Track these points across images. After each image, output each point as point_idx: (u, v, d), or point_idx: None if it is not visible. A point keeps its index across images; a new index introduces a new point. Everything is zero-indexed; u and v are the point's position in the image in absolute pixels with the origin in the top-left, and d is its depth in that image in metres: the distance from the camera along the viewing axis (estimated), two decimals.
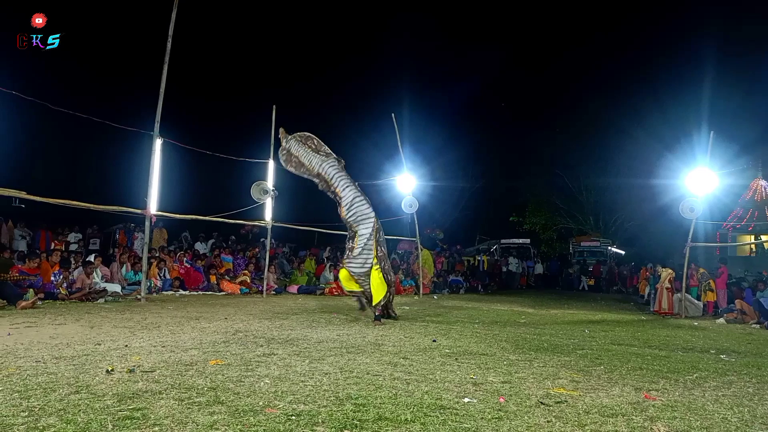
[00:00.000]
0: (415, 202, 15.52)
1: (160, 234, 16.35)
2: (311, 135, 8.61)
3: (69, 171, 20.13)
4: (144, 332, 6.05)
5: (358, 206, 8.09)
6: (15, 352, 4.51)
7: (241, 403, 3.12)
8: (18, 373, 3.67)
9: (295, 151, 8.51)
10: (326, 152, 8.46)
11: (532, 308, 12.92)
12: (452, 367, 4.54)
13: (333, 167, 8.23)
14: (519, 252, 28.41)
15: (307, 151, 8.43)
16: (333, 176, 8.17)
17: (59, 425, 2.61)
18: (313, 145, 8.51)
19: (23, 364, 4.01)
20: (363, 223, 8.04)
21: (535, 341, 6.56)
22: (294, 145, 8.54)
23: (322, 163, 8.26)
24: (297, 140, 8.58)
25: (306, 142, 8.54)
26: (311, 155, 8.38)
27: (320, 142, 8.57)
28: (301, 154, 8.44)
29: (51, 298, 9.55)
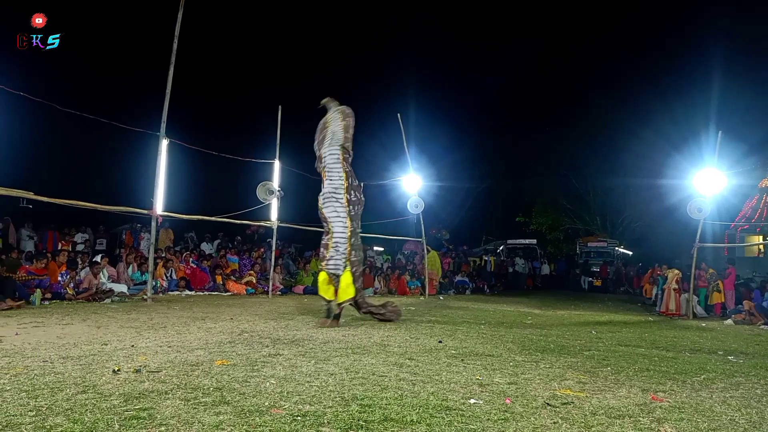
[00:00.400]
0: (421, 202, 15.52)
1: (166, 234, 16.40)
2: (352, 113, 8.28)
3: (76, 172, 20.21)
4: (150, 332, 6.07)
5: (335, 203, 7.80)
6: (23, 351, 4.53)
7: (246, 404, 3.12)
8: (26, 373, 3.69)
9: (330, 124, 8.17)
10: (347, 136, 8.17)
11: (538, 309, 12.89)
12: (458, 368, 4.53)
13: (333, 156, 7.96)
14: (525, 252, 28.34)
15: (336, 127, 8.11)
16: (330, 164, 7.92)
17: (66, 425, 2.62)
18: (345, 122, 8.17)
19: (31, 363, 4.03)
20: (336, 222, 7.75)
21: (541, 342, 6.54)
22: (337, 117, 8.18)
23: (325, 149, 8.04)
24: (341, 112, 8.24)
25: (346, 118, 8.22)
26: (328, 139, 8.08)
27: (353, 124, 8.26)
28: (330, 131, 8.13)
29: (58, 298, 9.61)
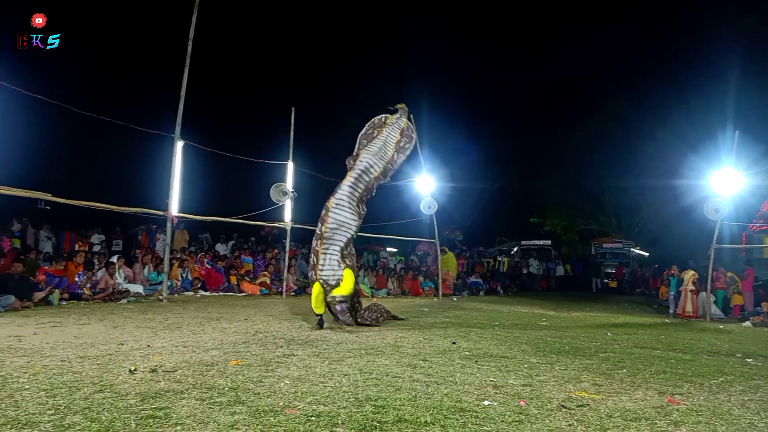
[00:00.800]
0: (434, 203, 15.48)
1: (182, 235, 16.53)
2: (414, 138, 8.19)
3: (92, 173, 20.45)
4: (166, 332, 6.13)
5: (346, 212, 7.33)
6: (41, 351, 4.59)
7: (261, 404, 3.14)
8: (44, 372, 3.74)
9: (386, 132, 7.94)
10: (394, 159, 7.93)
11: (553, 311, 12.81)
12: (472, 369, 4.52)
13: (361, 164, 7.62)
14: (540, 254, 28.18)
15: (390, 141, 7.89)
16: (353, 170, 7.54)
17: (84, 423, 2.65)
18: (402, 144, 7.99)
19: (49, 363, 4.08)
20: (338, 233, 7.23)
21: (556, 344, 6.50)
22: (395, 128, 7.96)
23: (368, 157, 7.67)
24: (403, 126, 8.03)
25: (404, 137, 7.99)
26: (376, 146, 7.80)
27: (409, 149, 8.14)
28: (383, 140, 7.88)
29: (76, 298, 9.72)
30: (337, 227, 7.20)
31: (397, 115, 8.00)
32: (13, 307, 7.98)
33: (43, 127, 16.18)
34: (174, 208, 10.67)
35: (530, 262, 26.67)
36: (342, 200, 7.30)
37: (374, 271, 17.40)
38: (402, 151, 7.85)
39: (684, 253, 22.30)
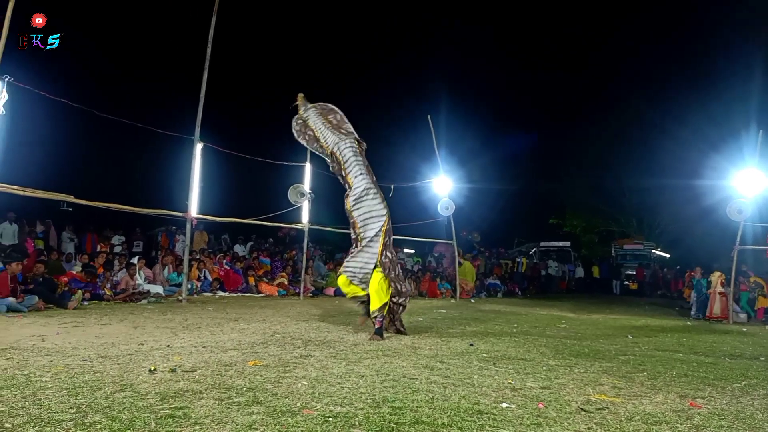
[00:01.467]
0: (452, 204, 15.44)
1: (201, 236, 16.69)
2: (335, 108, 7.49)
3: (113, 175, 20.74)
4: (185, 333, 6.19)
5: (370, 201, 6.81)
6: (63, 351, 4.67)
7: (279, 404, 3.15)
8: (66, 371, 3.80)
9: (312, 123, 7.40)
10: (347, 130, 7.32)
11: (572, 313, 12.69)
12: (490, 371, 4.49)
13: (350, 149, 7.03)
14: (559, 255, 27.94)
15: (326, 126, 7.31)
16: (348, 159, 6.99)
17: (105, 422, 2.68)
18: (335, 120, 7.38)
19: (71, 362, 4.15)
20: (370, 223, 6.76)
21: (575, 346, 6.43)
22: (312, 116, 7.41)
23: (339, 143, 7.07)
24: (317, 111, 7.45)
25: (327, 115, 7.41)
26: (328, 132, 7.25)
27: (343, 118, 7.43)
28: (318, 128, 7.32)
29: (97, 298, 9.86)
30: (368, 219, 6.75)
31: (303, 108, 7.59)
32: (36, 307, 8.13)
33: (66, 130, 16.45)
34: (193, 210, 10.78)
35: (549, 263, 26.45)
36: (361, 192, 6.82)
37: None
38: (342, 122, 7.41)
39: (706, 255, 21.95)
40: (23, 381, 3.45)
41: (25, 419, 2.67)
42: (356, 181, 6.87)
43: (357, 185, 6.84)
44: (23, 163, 12.00)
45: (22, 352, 4.49)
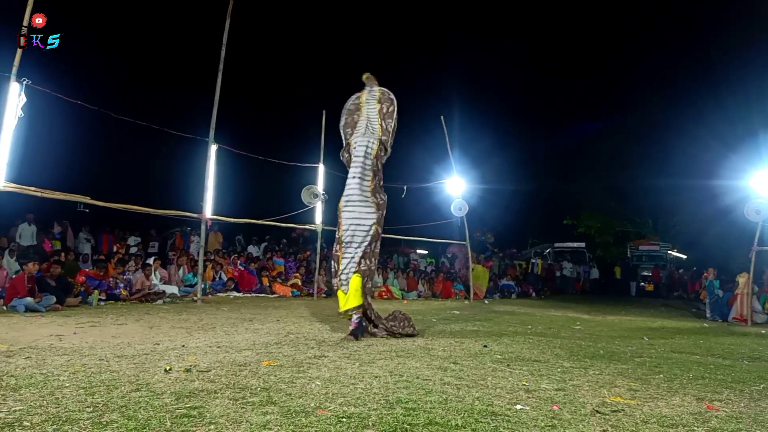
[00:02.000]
0: (465, 205, 15.39)
1: (215, 237, 16.81)
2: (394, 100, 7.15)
3: (129, 177, 20.95)
4: (200, 333, 6.23)
5: (360, 207, 6.56)
6: (80, 350, 4.72)
7: (293, 404, 3.16)
8: (83, 371, 3.84)
9: (365, 109, 7.10)
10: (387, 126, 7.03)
11: (587, 314, 12.60)
12: (504, 373, 4.47)
13: (363, 148, 6.75)
14: (573, 256, 27.74)
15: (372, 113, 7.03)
16: (356, 156, 6.72)
17: (121, 421, 2.71)
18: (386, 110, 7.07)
19: (88, 362, 4.19)
20: (357, 230, 6.51)
21: (590, 348, 6.39)
22: (372, 101, 7.08)
23: (357, 139, 6.86)
24: (378, 96, 7.10)
25: (384, 102, 7.09)
26: (363, 126, 6.98)
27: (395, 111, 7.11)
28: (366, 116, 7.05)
29: (113, 298, 9.97)
30: (355, 226, 6.49)
31: (368, 88, 7.21)
32: (53, 307, 8.23)
33: (82, 133, 16.65)
34: (208, 211, 10.86)
35: (564, 264, 26.28)
36: (352, 196, 6.57)
37: (405, 273, 17.38)
38: (388, 116, 7.01)
39: (723, 256, 21.69)
40: (41, 380, 3.50)
41: (43, 417, 2.71)
42: (352, 183, 6.61)
43: (350, 187, 6.61)
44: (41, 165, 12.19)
45: (40, 352, 4.55)
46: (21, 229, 13.34)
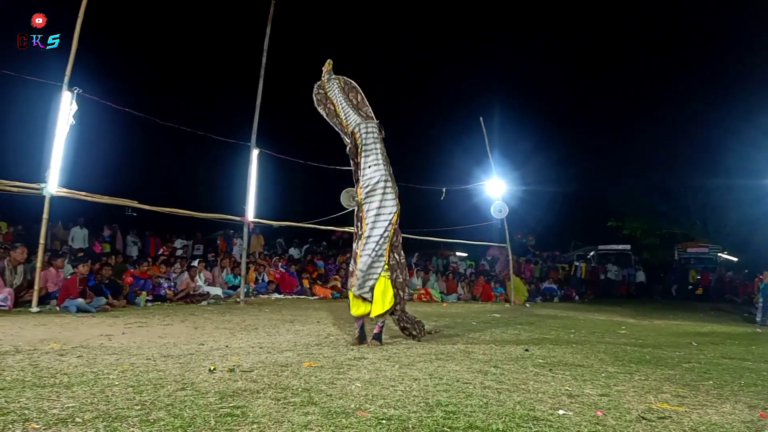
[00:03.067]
0: (505, 207, 15.23)
1: (257, 240, 17.11)
2: (357, 87, 6.79)
3: (175, 181, 21.54)
4: (243, 334, 6.35)
5: (382, 195, 6.05)
6: (129, 350, 4.87)
7: (333, 405, 3.19)
8: (131, 370, 3.96)
9: (333, 96, 6.72)
10: (367, 114, 6.64)
11: (632, 318, 12.28)
12: (546, 377, 4.40)
13: (372, 134, 6.30)
14: (618, 259, 27.08)
15: (348, 103, 6.65)
16: (368, 144, 6.25)
17: (168, 419, 2.79)
18: (355, 100, 6.71)
19: (136, 361, 4.32)
20: (380, 220, 5.99)
21: (636, 353, 6.22)
22: (335, 89, 6.74)
23: (362, 124, 6.38)
24: (339, 85, 6.78)
25: (348, 93, 6.75)
26: (350, 110, 6.61)
27: (364, 100, 6.75)
28: (340, 102, 6.67)
29: (160, 300, 10.25)
30: (376, 216, 6.00)
31: (326, 77, 6.85)
32: (103, 308, 8.52)
33: (130, 139, 17.21)
34: (250, 214, 11.06)
35: (608, 267, 25.68)
36: (377, 184, 6.07)
37: (444, 276, 17.30)
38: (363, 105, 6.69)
39: None
40: (92, 378, 3.62)
41: (94, 414, 2.80)
42: (370, 171, 6.11)
43: (371, 176, 6.09)
44: (91, 171, 12.65)
45: (91, 351, 4.71)
46: (73, 233, 13.88)
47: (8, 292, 7.87)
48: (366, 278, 5.86)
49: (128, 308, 9.06)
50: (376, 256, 5.88)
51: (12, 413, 2.73)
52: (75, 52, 8.17)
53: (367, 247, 5.90)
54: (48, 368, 3.86)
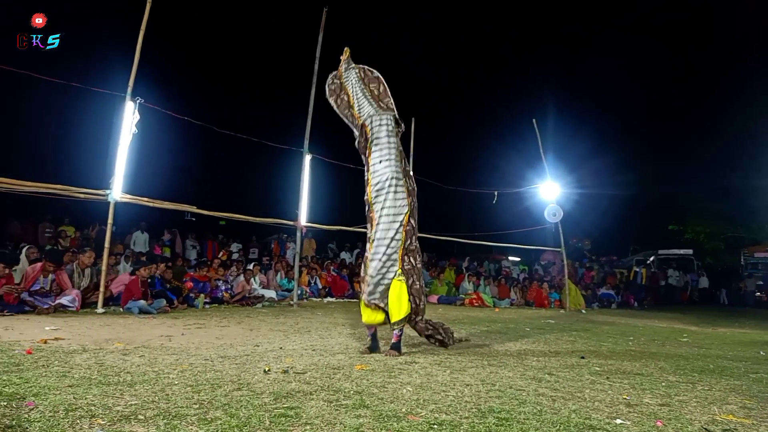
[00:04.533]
0: (560, 210, 14.90)
1: (309, 244, 17.36)
2: (380, 77, 6.31)
3: (231, 187, 22.14)
4: (296, 336, 6.46)
5: (393, 194, 5.55)
6: (188, 350, 5.04)
7: (384, 409, 3.20)
8: (190, 370, 4.09)
9: (350, 87, 6.27)
10: (388, 105, 6.13)
11: (695, 326, 11.78)
12: (603, 386, 4.28)
13: (385, 128, 5.80)
14: (680, 264, 26.03)
15: (365, 93, 6.17)
16: (379, 138, 5.78)
17: (224, 418, 2.87)
18: (376, 91, 6.22)
19: (194, 361, 4.46)
20: (393, 221, 5.48)
21: (698, 362, 5.97)
22: (353, 79, 6.28)
23: (374, 116, 5.88)
24: (358, 75, 6.31)
25: (370, 83, 6.26)
26: (364, 101, 6.12)
27: (386, 90, 6.24)
28: (356, 93, 6.20)
29: (217, 302, 10.55)
30: (388, 217, 5.51)
31: (344, 66, 6.43)
32: (163, 309, 8.84)
33: (189, 146, 17.81)
34: (303, 218, 11.25)
35: (669, 272, 24.73)
36: (384, 182, 5.62)
37: (496, 281, 17.08)
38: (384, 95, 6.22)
39: None
40: (153, 377, 3.77)
41: (155, 412, 2.91)
42: (381, 167, 5.66)
43: (381, 172, 5.64)
44: (152, 177, 13.17)
45: (152, 351, 4.90)
46: (135, 237, 14.47)
47: (76, 293, 8.27)
48: (377, 284, 5.37)
49: (187, 310, 9.36)
50: (387, 261, 5.39)
51: (80, 409, 2.87)
52: (137, 63, 8.54)
53: (377, 251, 5.44)
54: (112, 367, 4.04)
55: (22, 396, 3.05)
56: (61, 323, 6.54)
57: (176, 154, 18.48)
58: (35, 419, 2.66)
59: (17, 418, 2.66)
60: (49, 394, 3.12)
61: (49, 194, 8.11)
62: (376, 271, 5.38)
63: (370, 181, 5.72)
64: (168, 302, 9.15)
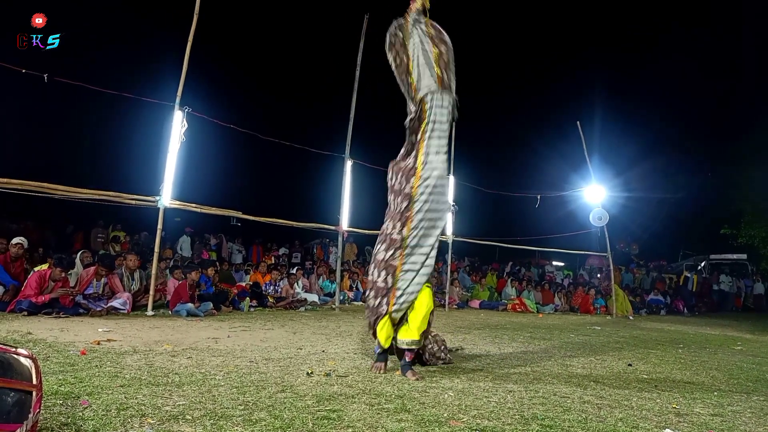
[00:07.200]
0: (605, 214, 14.57)
1: (351, 248, 17.48)
2: (449, 42, 5.08)
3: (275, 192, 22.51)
4: (338, 339, 6.52)
5: (439, 196, 4.69)
6: (233, 352, 5.15)
7: (426, 413, 3.20)
8: (236, 371, 4.19)
9: (412, 47, 4.97)
10: (448, 80, 4.98)
11: (750, 333, 11.31)
12: (651, 394, 4.17)
13: (447, 111, 4.81)
14: (733, 269, 25.03)
15: (428, 60, 4.93)
16: (441, 122, 4.77)
17: (268, 420, 2.92)
18: (446, 57, 5.01)
19: (239, 363, 4.56)
20: (433, 227, 4.66)
21: (753, 371, 5.74)
22: (417, 38, 4.98)
23: (437, 94, 4.80)
24: (430, 34, 5.03)
25: (440, 45, 4.99)
26: (426, 71, 4.91)
27: (452, 60, 5.08)
28: (418, 58, 4.94)
29: (261, 305, 10.74)
30: (430, 221, 4.64)
31: (413, 18, 5.03)
32: (210, 312, 9.04)
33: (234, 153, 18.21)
34: (344, 223, 11.34)
35: (721, 278, 23.81)
36: (437, 179, 4.69)
37: (540, 286, 16.81)
38: (451, 67, 5.06)
39: None
40: (200, 378, 3.87)
41: (202, 412, 3.00)
42: (436, 160, 4.71)
43: (435, 165, 4.70)
44: (199, 184, 13.52)
45: (199, 353, 5.03)
46: (182, 241, 14.87)
47: (127, 296, 8.55)
48: (408, 296, 4.57)
49: (233, 313, 9.56)
50: (424, 271, 4.60)
51: (130, 408, 2.98)
52: (185, 74, 8.80)
53: (413, 260, 4.59)
54: (161, 368, 4.17)
55: (77, 395, 3.19)
56: (113, 325, 6.77)
57: (222, 161, 18.91)
58: (89, 417, 2.77)
59: (72, 416, 2.78)
60: (102, 394, 3.24)
61: (102, 201, 8.42)
62: (408, 283, 4.55)
63: (420, 172, 4.68)
64: (214, 305, 9.36)
